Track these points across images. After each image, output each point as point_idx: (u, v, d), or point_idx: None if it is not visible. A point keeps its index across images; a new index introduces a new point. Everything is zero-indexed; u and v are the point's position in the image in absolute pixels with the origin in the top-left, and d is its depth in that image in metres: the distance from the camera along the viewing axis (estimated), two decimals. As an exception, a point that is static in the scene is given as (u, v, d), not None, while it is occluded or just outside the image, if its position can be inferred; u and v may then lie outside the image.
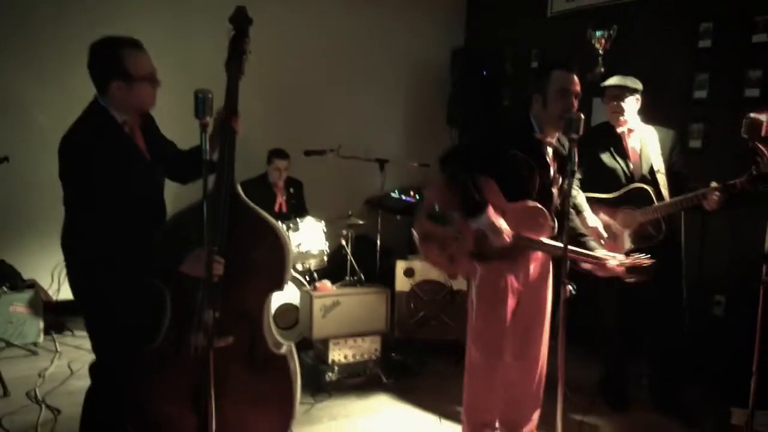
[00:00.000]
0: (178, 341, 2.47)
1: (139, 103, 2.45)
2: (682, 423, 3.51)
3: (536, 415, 3.07)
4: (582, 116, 2.43)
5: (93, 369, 2.54)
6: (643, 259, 2.71)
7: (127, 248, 2.33)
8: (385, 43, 6.17)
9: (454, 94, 6.17)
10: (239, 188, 2.53)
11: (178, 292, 2.47)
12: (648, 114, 3.63)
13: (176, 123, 2.89)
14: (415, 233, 2.83)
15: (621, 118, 3.50)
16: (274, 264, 2.57)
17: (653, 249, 3.30)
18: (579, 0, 5.25)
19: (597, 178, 3.46)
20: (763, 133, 2.80)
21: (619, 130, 3.54)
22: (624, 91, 3.48)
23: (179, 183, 2.76)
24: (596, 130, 3.68)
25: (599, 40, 4.87)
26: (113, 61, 2.35)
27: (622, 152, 3.52)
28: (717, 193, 3.15)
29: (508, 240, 2.68)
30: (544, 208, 2.73)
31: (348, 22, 5.98)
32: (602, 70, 4.76)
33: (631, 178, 3.47)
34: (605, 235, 3.26)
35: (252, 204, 2.56)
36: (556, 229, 2.78)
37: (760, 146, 2.83)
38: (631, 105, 3.49)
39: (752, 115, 2.82)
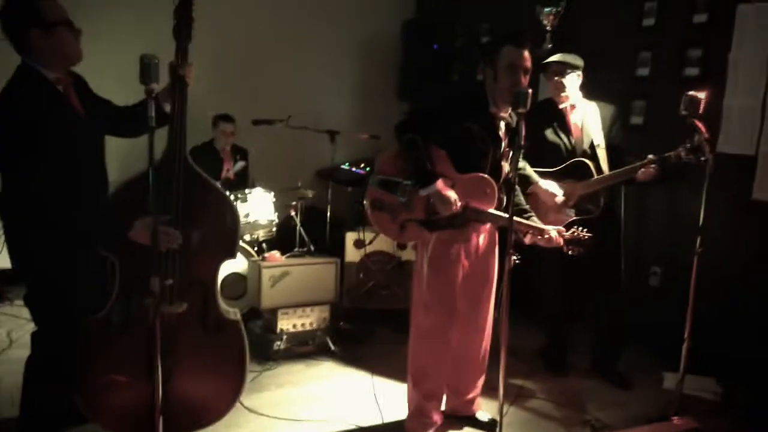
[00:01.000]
0: (127, 310, 2.46)
1: (64, 51, 2.38)
2: (618, 387, 3.67)
3: (481, 381, 3.17)
4: (530, 91, 2.49)
5: (35, 337, 2.50)
6: (582, 232, 2.84)
7: (69, 212, 2.28)
8: (336, 14, 6.09)
9: (404, 66, 6.17)
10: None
11: (127, 260, 2.44)
12: (592, 90, 3.71)
13: (123, 85, 2.84)
14: (365, 201, 2.85)
15: (562, 94, 3.57)
16: (227, 231, 2.59)
17: (593, 221, 3.42)
18: (528, -24, 5.30)
19: (540, 153, 3.52)
20: (701, 110, 2.92)
21: (561, 106, 3.61)
22: (565, 68, 3.54)
23: (129, 138, 2.73)
24: (539, 106, 3.73)
25: (547, 16, 4.94)
26: (27, 10, 2.30)
27: (565, 128, 3.59)
28: (653, 165, 3.27)
29: (455, 209, 2.73)
30: (491, 179, 2.79)
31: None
32: (550, 45, 4.84)
33: (572, 153, 3.55)
34: (560, 193, 3.32)
35: (200, 170, 2.55)
36: (504, 202, 2.85)
37: (697, 123, 2.94)
38: (573, 81, 3.56)
39: (691, 93, 2.93)
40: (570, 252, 2.86)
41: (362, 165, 5.89)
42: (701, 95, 2.93)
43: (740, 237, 3.78)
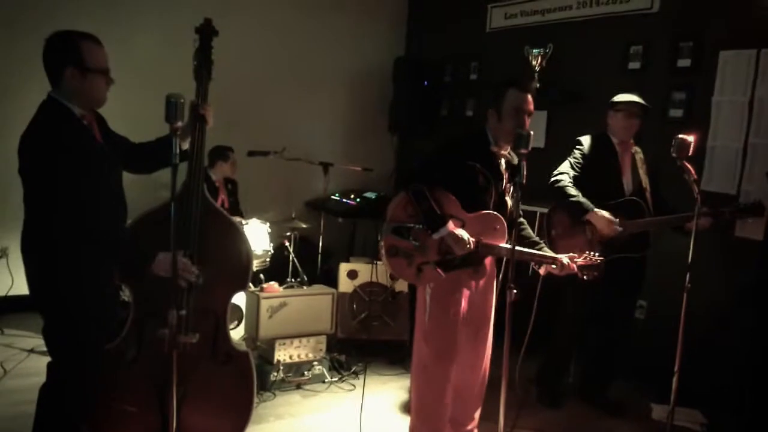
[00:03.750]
0: (140, 340, 2.50)
1: (92, 96, 2.44)
2: (610, 415, 3.78)
3: (478, 413, 3.23)
4: (531, 133, 2.61)
5: (50, 367, 2.51)
6: (594, 256, 2.93)
7: (95, 242, 2.33)
8: (331, 50, 6.24)
9: (395, 101, 6.32)
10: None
11: (142, 289, 2.50)
12: (581, 129, 3.85)
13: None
14: (382, 249, 2.93)
15: (631, 135, 3.66)
16: (241, 264, 2.65)
17: (628, 259, 3.53)
18: (516, 18, 5.51)
19: (592, 187, 3.58)
20: (690, 152, 3.06)
21: (618, 145, 3.68)
22: (643, 111, 3.63)
23: (143, 174, 2.80)
24: (596, 142, 3.75)
25: (536, 57, 5.12)
26: (70, 49, 2.35)
27: (618, 166, 3.65)
28: (708, 218, 3.35)
29: (470, 248, 2.83)
30: (499, 215, 2.90)
31: (295, 28, 6.02)
32: (537, 85, 5.00)
33: (622, 192, 3.62)
34: (617, 221, 3.43)
35: (216, 204, 2.62)
36: (506, 236, 2.96)
37: (687, 164, 3.08)
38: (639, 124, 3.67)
39: (681, 136, 3.07)
40: (585, 277, 2.92)
41: (352, 196, 6.01)
42: (690, 138, 3.06)
43: (723, 272, 3.93)
